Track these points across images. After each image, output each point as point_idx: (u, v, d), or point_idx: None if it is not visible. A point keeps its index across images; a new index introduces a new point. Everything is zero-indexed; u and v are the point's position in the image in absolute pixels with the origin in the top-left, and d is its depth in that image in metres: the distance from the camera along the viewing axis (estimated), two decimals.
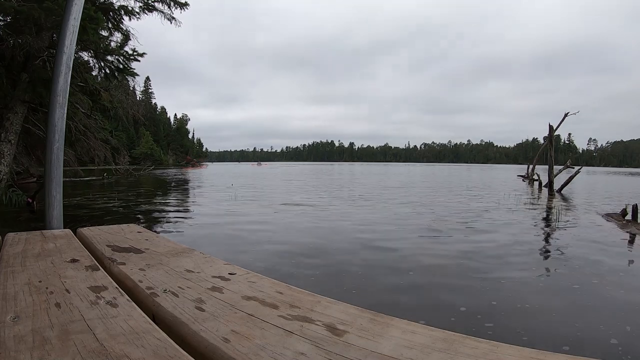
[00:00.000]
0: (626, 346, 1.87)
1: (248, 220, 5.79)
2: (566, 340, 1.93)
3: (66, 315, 0.56)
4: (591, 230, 5.19)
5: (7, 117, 7.89)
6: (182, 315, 0.56)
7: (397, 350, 0.45)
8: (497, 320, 2.17)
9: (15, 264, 0.84)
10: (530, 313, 2.30)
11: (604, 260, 3.53)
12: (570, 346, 1.87)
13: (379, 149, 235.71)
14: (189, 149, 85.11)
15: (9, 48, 7.74)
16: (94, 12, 7.58)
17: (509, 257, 3.61)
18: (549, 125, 11.53)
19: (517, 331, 2.04)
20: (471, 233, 4.88)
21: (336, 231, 4.99)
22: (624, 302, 2.48)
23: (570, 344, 1.90)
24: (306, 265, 3.29)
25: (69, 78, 1.55)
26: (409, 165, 78.21)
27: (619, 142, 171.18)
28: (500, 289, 2.74)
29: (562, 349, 1.84)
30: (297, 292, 0.65)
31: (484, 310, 2.31)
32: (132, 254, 0.94)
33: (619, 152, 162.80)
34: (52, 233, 1.25)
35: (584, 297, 2.56)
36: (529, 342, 1.89)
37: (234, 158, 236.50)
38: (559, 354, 0.42)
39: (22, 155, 9.69)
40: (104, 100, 10.11)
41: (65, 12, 1.54)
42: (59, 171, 1.52)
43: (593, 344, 1.90)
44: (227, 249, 3.96)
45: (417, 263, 3.44)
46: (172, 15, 10.02)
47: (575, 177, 12.68)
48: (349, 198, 9.48)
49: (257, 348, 0.46)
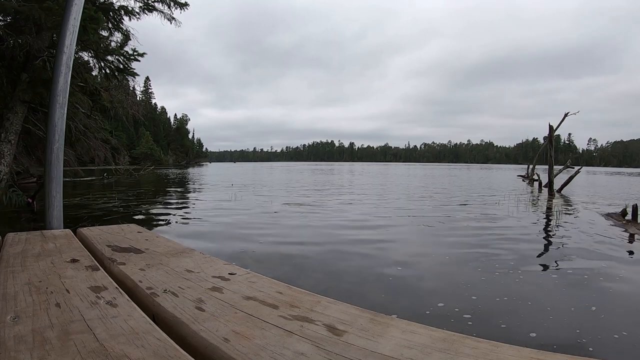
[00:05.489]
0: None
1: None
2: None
3: (66, 315, 0.56)
4: (591, 230, 5.18)
5: (7, 117, 7.89)
6: (182, 316, 0.56)
7: (397, 350, 0.45)
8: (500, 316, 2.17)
9: (15, 264, 0.84)
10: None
11: (605, 261, 3.53)
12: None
13: (379, 149, 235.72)
14: (189, 149, 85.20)
15: (9, 48, 7.73)
16: (94, 12, 7.57)
17: (511, 257, 3.61)
18: (549, 125, 11.52)
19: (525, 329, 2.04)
20: (471, 227, 4.88)
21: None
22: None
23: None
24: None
25: (69, 78, 1.55)
26: (409, 166, 78.17)
27: (619, 142, 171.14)
28: (500, 288, 2.74)
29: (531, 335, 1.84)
30: (297, 292, 0.65)
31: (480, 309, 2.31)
32: (132, 254, 0.94)
33: (619, 152, 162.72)
34: (52, 233, 1.25)
35: (584, 293, 2.56)
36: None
37: (234, 158, 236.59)
38: (559, 354, 0.42)
39: (22, 155, 9.69)
40: (104, 100, 10.09)
41: (65, 12, 1.54)
42: (59, 171, 1.52)
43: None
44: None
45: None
46: (172, 16, 10.02)
47: (575, 177, 12.68)
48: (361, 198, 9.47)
49: (257, 348, 0.46)
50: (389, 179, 20.64)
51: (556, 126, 13.64)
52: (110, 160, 13.62)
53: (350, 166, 70.18)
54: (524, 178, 19.93)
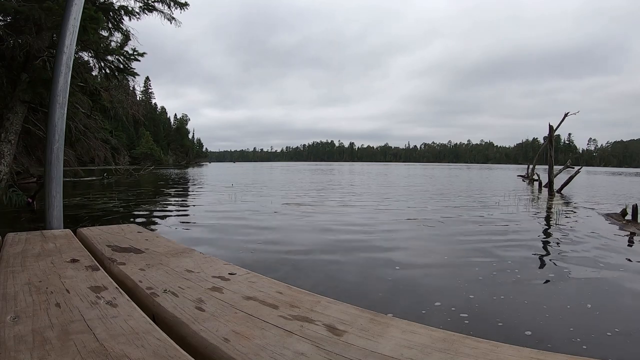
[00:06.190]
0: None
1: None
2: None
3: (66, 315, 0.56)
4: (590, 230, 5.18)
5: (7, 117, 7.89)
6: (182, 316, 0.56)
7: (397, 350, 0.45)
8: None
9: (15, 264, 0.84)
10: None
11: (604, 260, 3.53)
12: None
13: (379, 149, 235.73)
14: (189, 149, 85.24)
15: (9, 48, 7.73)
16: (94, 12, 7.57)
17: (511, 257, 3.61)
18: (549, 125, 11.52)
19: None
20: (470, 226, 4.88)
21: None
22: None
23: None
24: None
25: (69, 78, 1.55)
26: (409, 166, 78.19)
27: (619, 142, 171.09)
28: (499, 288, 2.74)
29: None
30: (297, 292, 0.65)
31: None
32: (132, 254, 0.94)
33: (619, 152, 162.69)
34: (52, 233, 1.25)
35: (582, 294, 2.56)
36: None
37: (233, 158, 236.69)
38: (559, 354, 0.42)
39: (22, 155, 9.69)
40: (104, 100, 10.09)
41: (65, 12, 1.54)
42: (59, 171, 1.52)
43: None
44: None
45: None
46: (172, 16, 10.02)
47: (575, 177, 12.68)
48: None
49: (257, 348, 0.46)
50: (389, 179, 20.64)
51: (556, 126, 13.65)
52: (110, 160, 13.62)
53: (350, 166, 70.22)
54: (524, 178, 19.93)
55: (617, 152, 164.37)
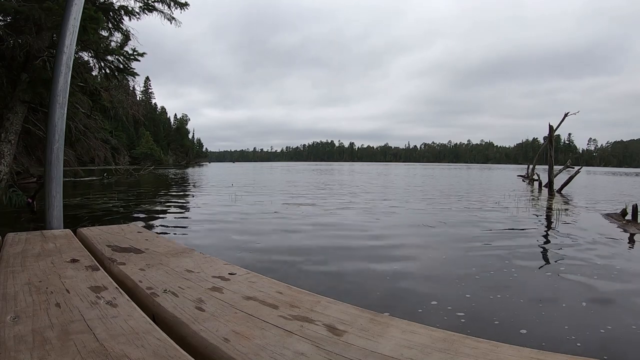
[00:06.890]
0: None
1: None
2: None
3: (66, 315, 0.56)
4: (590, 230, 5.18)
5: (7, 117, 7.89)
6: (182, 316, 0.56)
7: (397, 350, 0.45)
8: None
9: (15, 264, 0.84)
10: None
11: (603, 260, 3.53)
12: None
13: (379, 149, 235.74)
14: (189, 149, 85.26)
15: (9, 48, 7.73)
16: (94, 12, 7.57)
17: (509, 257, 3.61)
18: (549, 125, 11.52)
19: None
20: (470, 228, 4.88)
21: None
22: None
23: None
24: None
25: (69, 78, 1.55)
26: (409, 166, 78.26)
27: (619, 142, 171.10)
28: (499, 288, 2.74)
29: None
30: (297, 292, 0.65)
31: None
32: (132, 254, 0.94)
33: (619, 152, 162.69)
34: (52, 233, 1.25)
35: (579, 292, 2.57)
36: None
37: (233, 158, 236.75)
38: (559, 354, 0.42)
39: (22, 155, 9.69)
40: (104, 100, 10.10)
41: (65, 12, 1.54)
42: (59, 171, 1.52)
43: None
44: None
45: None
46: (172, 16, 10.02)
47: (575, 177, 12.68)
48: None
49: (257, 348, 0.46)
50: (389, 180, 20.64)
51: (556, 126, 13.64)
52: (110, 160, 13.63)
53: (350, 166, 70.20)
54: (524, 178, 19.92)
55: (617, 152, 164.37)
